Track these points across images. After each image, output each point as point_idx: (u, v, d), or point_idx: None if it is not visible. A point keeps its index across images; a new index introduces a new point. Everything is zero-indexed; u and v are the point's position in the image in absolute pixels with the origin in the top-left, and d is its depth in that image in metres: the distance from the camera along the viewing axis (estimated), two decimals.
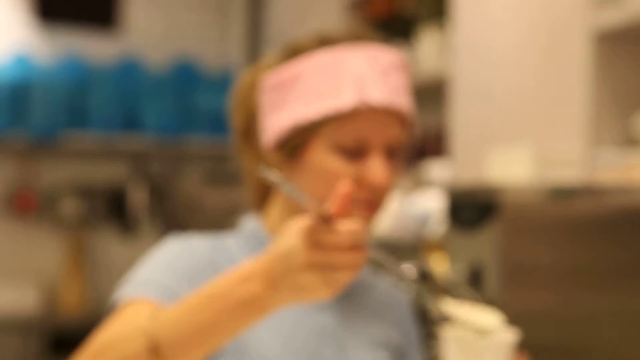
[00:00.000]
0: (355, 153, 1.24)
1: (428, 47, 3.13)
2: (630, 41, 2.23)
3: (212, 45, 6.04)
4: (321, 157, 1.24)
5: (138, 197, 5.74)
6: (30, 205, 5.64)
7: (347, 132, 1.23)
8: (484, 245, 1.85)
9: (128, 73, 5.61)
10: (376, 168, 1.23)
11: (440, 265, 2.00)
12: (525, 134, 2.45)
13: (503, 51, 2.60)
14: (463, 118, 2.80)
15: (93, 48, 5.73)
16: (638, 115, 2.19)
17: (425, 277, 2.16)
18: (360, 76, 1.23)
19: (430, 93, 3.41)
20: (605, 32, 2.20)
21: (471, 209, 1.90)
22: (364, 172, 1.24)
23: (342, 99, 1.22)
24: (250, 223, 1.35)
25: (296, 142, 1.25)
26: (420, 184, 3.01)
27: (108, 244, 5.77)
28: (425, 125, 3.44)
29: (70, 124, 5.49)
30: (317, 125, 1.23)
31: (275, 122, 1.26)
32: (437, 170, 2.95)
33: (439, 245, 2.29)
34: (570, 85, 2.30)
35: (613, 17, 2.16)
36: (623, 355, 1.87)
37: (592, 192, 1.87)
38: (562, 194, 1.86)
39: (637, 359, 1.87)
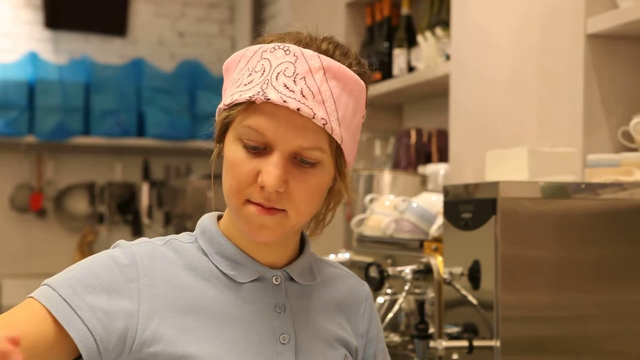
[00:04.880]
0: (260, 151, 1.20)
1: (429, 49, 3.15)
2: (622, 43, 2.25)
3: (216, 52, 6.06)
4: (229, 147, 1.22)
5: (146, 196, 5.77)
6: (42, 204, 5.68)
7: (248, 126, 1.19)
8: (481, 242, 1.87)
9: (136, 77, 5.64)
10: (268, 172, 1.18)
11: (443, 263, 2.03)
12: (522, 136, 2.48)
13: (501, 55, 2.62)
14: (463, 120, 2.82)
15: (102, 54, 5.77)
16: (631, 117, 2.21)
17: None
18: (272, 71, 1.18)
19: (432, 95, 3.44)
20: (597, 34, 2.22)
21: (469, 207, 1.93)
22: (260, 172, 1.19)
23: (247, 91, 1.19)
24: (204, 221, 1.32)
25: (220, 129, 1.25)
26: (424, 183, 3.04)
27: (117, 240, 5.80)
28: (429, 127, 3.47)
29: (81, 125, 5.53)
30: (227, 112, 1.22)
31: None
32: (440, 170, 2.98)
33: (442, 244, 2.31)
34: (564, 88, 2.32)
35: (605, 19, 2.18)
36: (618, 348, 1.89)
37: (586, 189, 1.89)
38: (557, 192, 1.88)
39: (633, 351, 1.90)
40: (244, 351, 1.22)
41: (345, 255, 2.68)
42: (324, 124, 1.19)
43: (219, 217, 1.33)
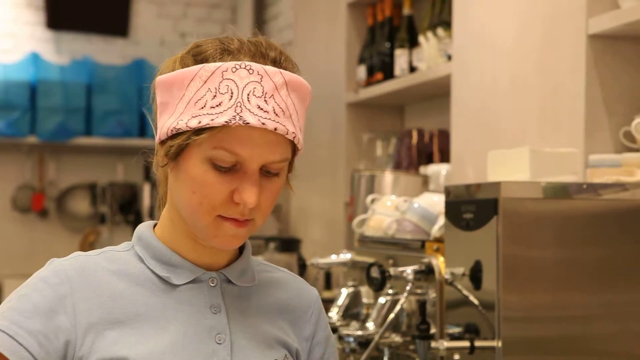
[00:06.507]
0: (230, 169, 1.22)
1: (431, 49, 3.15)
2: (624, 43, 2.25)
3: None
4: (196, 168, 1.23)
5: (148, 196, 5.77)
6: (44, 205, 5.68)
7: (222, 149, 1.21)
8: (483, 243, 1.87)
9: (138, 77, 5.64)
10: (248, 190, 1.22)
11: (444, 263, 2.03)
12: (523, 136, 2.48)
13: (502, 55, 2.62)
14: (465, 121, 2.82)
15: (104, 55, 5.77)
16: (633, 118, 2.21)
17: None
18: (241, 93, 1.20)
19: (434, 95, 3.44)
20: (599, 34, 2.23)
21: (470, 207, 1.93)
22: (236, 190, 1.22)
23: (218, 114, 1.20)
24: (141, 229, 1.35)
25: (175, 146, 1.24)
26: (425, 184, 3.04)
27: (119, 241, 5.80)
28: (430, 127, 3.47)
29: (82, 126, 5.53)
30: (194, 135, 1.22)
31: (162, 122, 1.26)
32: (441, 170, 2.98)
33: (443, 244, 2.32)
34: (566, 88, 2.32)
35: (607, 19, 2.18)
36: (620, 348, 1.89)
37: (588, 189, 1.89)
38: (559, 192, 1.88)
39: (635, 352, 1.90)
40: (180, 350, 1.25)
41: (346, 256, 2.68)
42: (293, 137, 1.24)
43: (155, 226, 1.36)
